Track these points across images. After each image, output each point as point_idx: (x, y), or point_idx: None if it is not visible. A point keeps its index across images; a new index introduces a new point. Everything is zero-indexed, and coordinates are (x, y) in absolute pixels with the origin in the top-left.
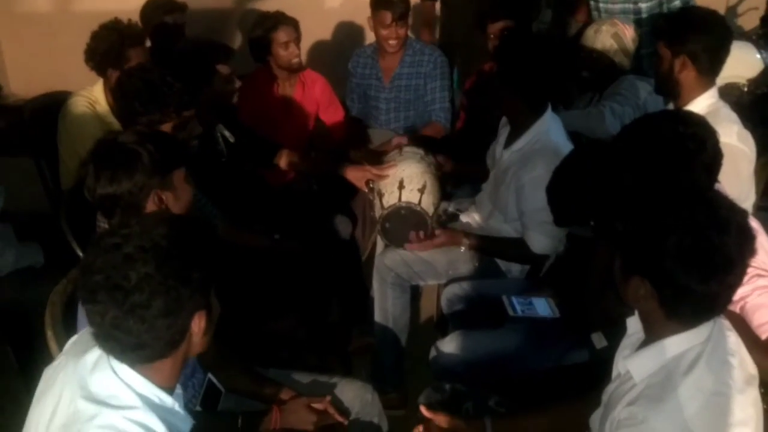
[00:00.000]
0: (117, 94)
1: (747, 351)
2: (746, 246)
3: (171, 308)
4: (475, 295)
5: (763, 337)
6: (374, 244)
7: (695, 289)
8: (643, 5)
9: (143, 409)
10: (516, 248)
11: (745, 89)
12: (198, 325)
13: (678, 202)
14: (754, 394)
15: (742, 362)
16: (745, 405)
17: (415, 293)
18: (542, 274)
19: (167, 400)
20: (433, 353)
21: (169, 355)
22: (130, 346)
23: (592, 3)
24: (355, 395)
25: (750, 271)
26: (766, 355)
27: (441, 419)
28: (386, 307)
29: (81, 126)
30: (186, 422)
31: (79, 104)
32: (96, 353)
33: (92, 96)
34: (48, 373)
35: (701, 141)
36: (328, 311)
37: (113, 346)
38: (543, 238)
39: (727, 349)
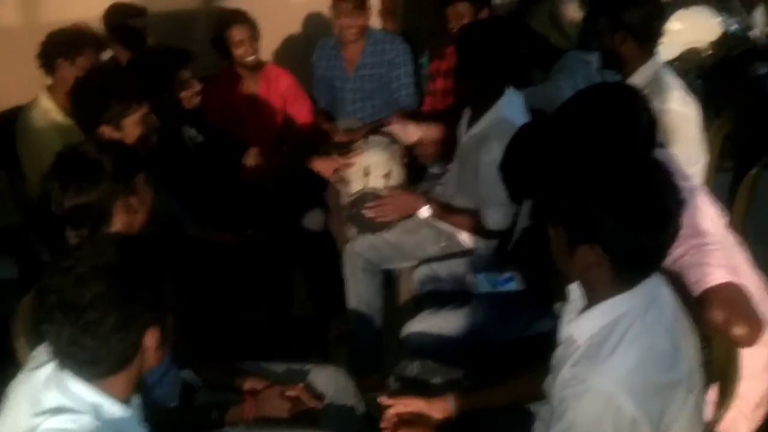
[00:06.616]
0: (75, 97)
1: (683, 306)
2: (677, 198)
3: (123, 324)
4: (444, 274)
5: (696, 293)
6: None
7: (645, 244)
8: None
9: (91, 415)
10: (472, 218)
11: (710, 53)
12: (150, 340)
13: (613, 167)
14: (690, 350)
15: (678, 317)
16: (681, 361)
17: (393, 277)
18: (509, 248)
19: (118, 409)
20: (404, 333)
21: (122, 369)
22: (86, 361)
23: None
24: (329, 380)
25: (684, 231)
26: (701, 310)
27: (403, 403)
28: (359, 292)
29: (38, 138)
30: (140, 430)
31: (33, 117)
32: (47, 370)
33: (42, 106)
34: (11, 388)
35: (636, 111)
36: (304, 303)
37: (70, 362)
38: (496, 215)
39: (665, 306)
